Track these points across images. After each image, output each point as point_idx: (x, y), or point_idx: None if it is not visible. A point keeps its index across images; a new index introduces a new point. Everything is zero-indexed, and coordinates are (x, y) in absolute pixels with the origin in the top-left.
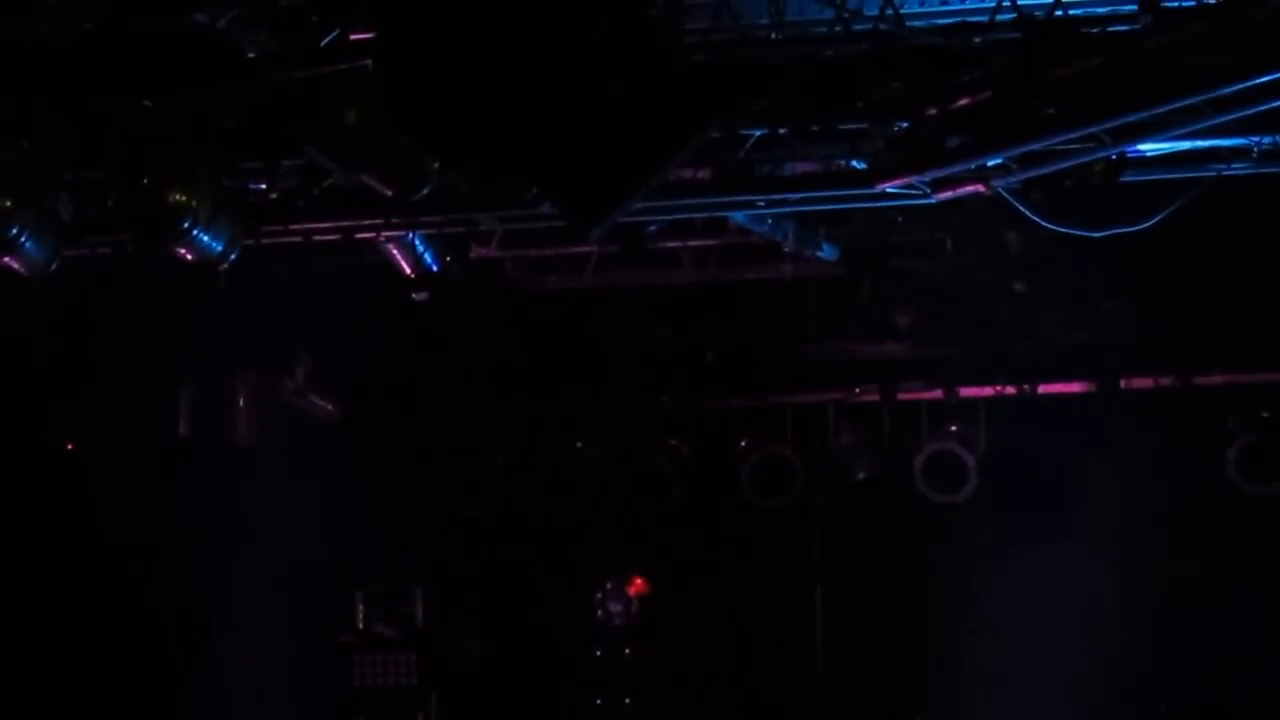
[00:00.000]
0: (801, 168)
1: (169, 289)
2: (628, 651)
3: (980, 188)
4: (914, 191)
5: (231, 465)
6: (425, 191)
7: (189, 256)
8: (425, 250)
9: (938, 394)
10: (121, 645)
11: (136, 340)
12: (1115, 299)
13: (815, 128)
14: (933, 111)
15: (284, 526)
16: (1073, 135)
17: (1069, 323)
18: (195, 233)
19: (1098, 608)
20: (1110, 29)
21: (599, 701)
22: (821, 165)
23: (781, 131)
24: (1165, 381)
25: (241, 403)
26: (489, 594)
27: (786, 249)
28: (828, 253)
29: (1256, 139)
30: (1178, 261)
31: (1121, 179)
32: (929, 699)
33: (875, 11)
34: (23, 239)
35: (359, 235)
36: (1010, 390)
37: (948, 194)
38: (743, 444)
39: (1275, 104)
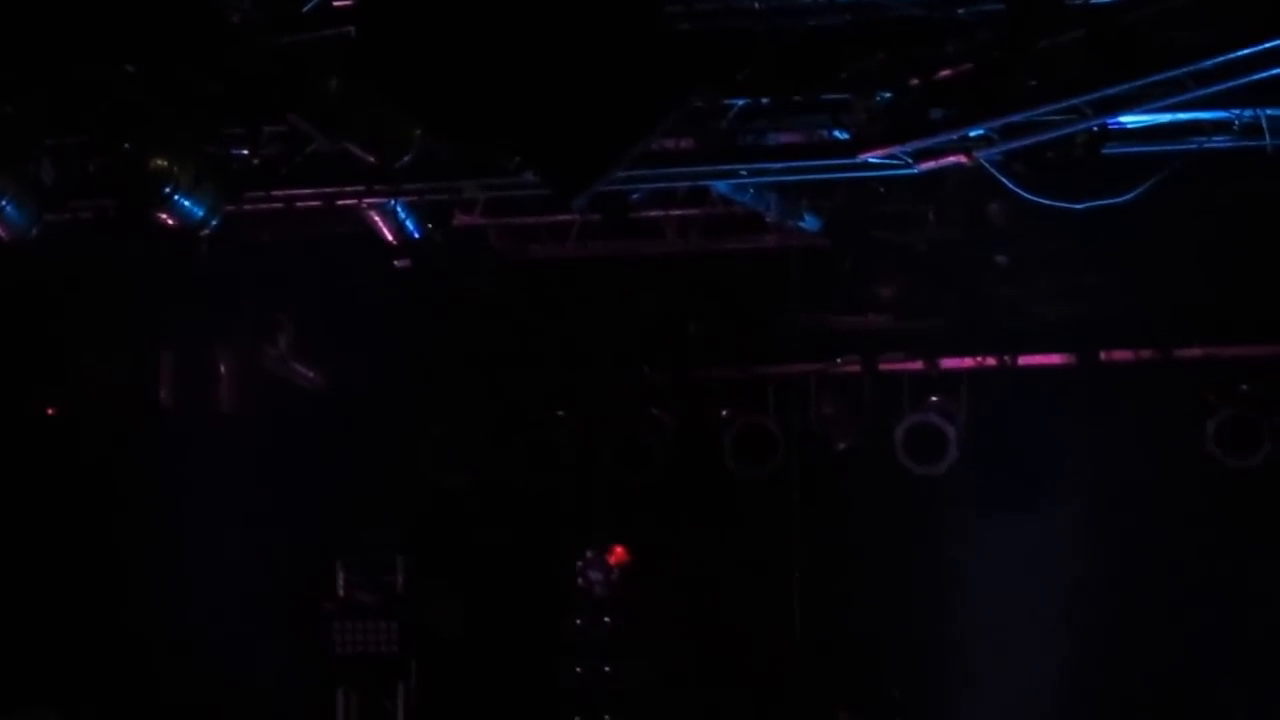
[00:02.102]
0: (784, 138)
1: (151, 255)
2: (608, 620)
3: (962, 159)
4: (896, 162)
5: (213, 432)
6: (408, 159)
7: (171, 222)
8: (407, 218)
9: (919, 365)
10: (101, 613)
11: (118, 306)
12: (1096, 271)
13: (798, 98)
14: (916, 82)
15: (265, 494)
16: (1055, 107)
17: (1050, 295)
18: (177, 198)
19: (1076, 578)
20: (1093, 1)
21: (579, 670)
22: (804, 135)
23: (764, 102)
24: (1145, 354)
25: (223, 370)
26: (470, 562)
27: (769, 219)
28: (810, 224)
29: (1237, 112)
30: (1159, 234)
31: (1103, 151)
32: (907, 669)
33: None
34: (4, 204)
35: (341, 202)
36: (991, 362)
37: (930, 165)
38: (724, 414)
39: (1256, 77)
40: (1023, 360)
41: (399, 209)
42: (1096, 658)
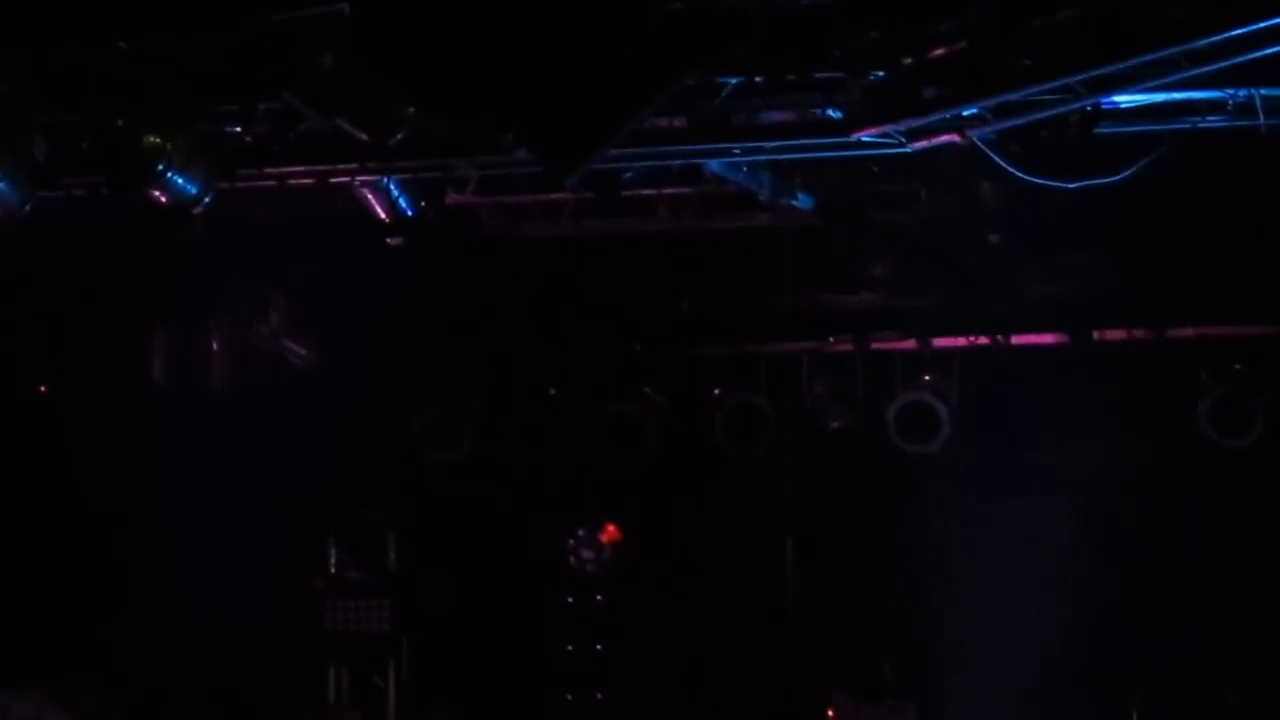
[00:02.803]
0: (778, 117)
1: (144, 232)
2: (599, 598)
3: (956, 138)
4: (890, 141)
5: (205, 410)
6: (401, 137)
7: (164, 199)
8: (400, 195)
9: (911, 344)
10: (93, 590)
11: (111, 283)
12: (1089, 251)
13: (791, 77)
14: (909, 61)
15: (257, 471)
16: (1048, 86)
17: (1043, 274)
18: (170, 175)
19: (1069, 558)
20: None
21: (570, 648)
22: (798, 114)
23: (758, 80)
24: (1138, 334)
25: (216, 347)
26: (462, 540)
27: (762, 198)
28: (803, 202)
29: (1231, 92)
30: (1152, 214)
31: (1097, 131)
32: (899, 646)
33: None
34: None
35: (334, 180)
36: (984, 341)
37: (923, 144)
38: (716, 393)
39: (1250, 57)
40: (1016, 340)
41: (392, 187)
42: (1088, 635)
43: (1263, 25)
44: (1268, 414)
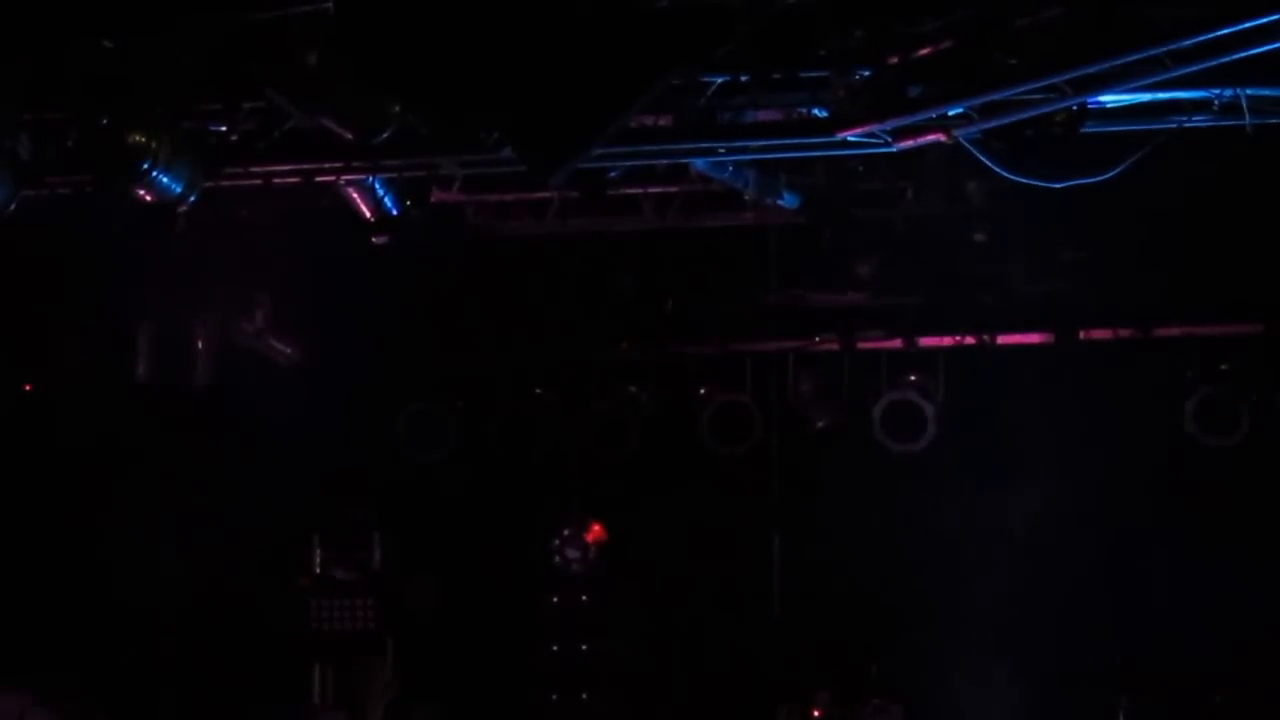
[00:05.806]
0: (763, 115)
1: (128, 230)
2: (584, 598)
3: (941, 137)
4: (875, 140)
5: (190, 408)
6: (386, 135)
7: (148, 198)
8: (385, 194)
9: (897, 343)
10: (76, 587)
11: (95, 281)
12: (1075, 250)
13: (777, 75)
14: (894, 60)
15: (242, 469)
16: (1034, 85)
17: (1029, 273)
18: (155, 174)
19: (1055, 557)
20: None
21: (555, 648)
22: (783, 113)
23: (743, 79)
24: (1124, 333)
25: (200, 345)
26: (447, 539)
27: (747, 197)
28: (788, 201)
29: (1217, 91)
30: (1138, 213)
31: (1082, 130)
32: (885, 646)
33: None
34: None
35: (319, 178)
36: (970, 340)
37: (909, 143)
38: (702, 391)
39: (1236, 56)
40: (1001, 339)
41: (377, 185)
42: (1074, 635)
43: (1248, 25)
44: (1253, 413)
